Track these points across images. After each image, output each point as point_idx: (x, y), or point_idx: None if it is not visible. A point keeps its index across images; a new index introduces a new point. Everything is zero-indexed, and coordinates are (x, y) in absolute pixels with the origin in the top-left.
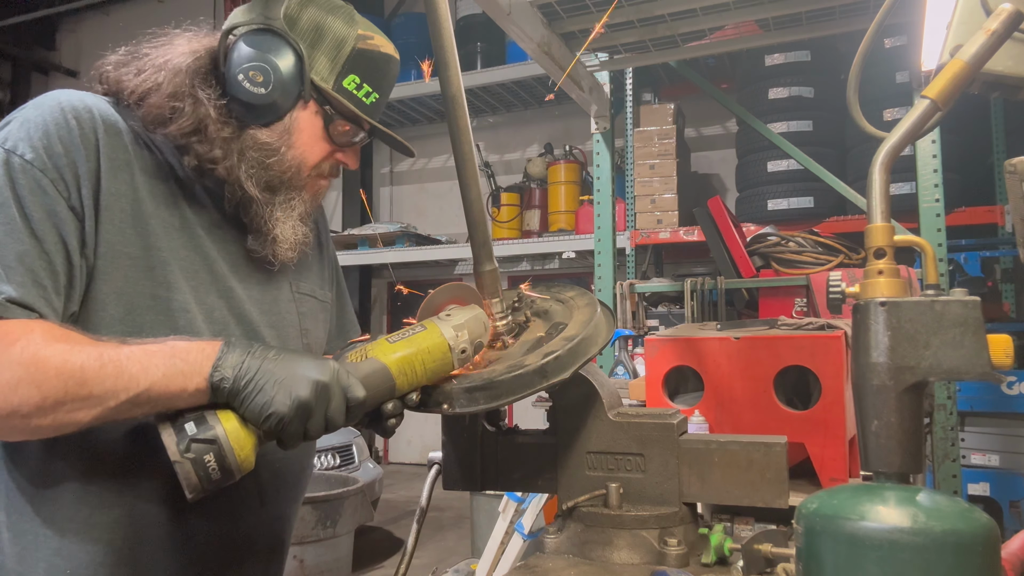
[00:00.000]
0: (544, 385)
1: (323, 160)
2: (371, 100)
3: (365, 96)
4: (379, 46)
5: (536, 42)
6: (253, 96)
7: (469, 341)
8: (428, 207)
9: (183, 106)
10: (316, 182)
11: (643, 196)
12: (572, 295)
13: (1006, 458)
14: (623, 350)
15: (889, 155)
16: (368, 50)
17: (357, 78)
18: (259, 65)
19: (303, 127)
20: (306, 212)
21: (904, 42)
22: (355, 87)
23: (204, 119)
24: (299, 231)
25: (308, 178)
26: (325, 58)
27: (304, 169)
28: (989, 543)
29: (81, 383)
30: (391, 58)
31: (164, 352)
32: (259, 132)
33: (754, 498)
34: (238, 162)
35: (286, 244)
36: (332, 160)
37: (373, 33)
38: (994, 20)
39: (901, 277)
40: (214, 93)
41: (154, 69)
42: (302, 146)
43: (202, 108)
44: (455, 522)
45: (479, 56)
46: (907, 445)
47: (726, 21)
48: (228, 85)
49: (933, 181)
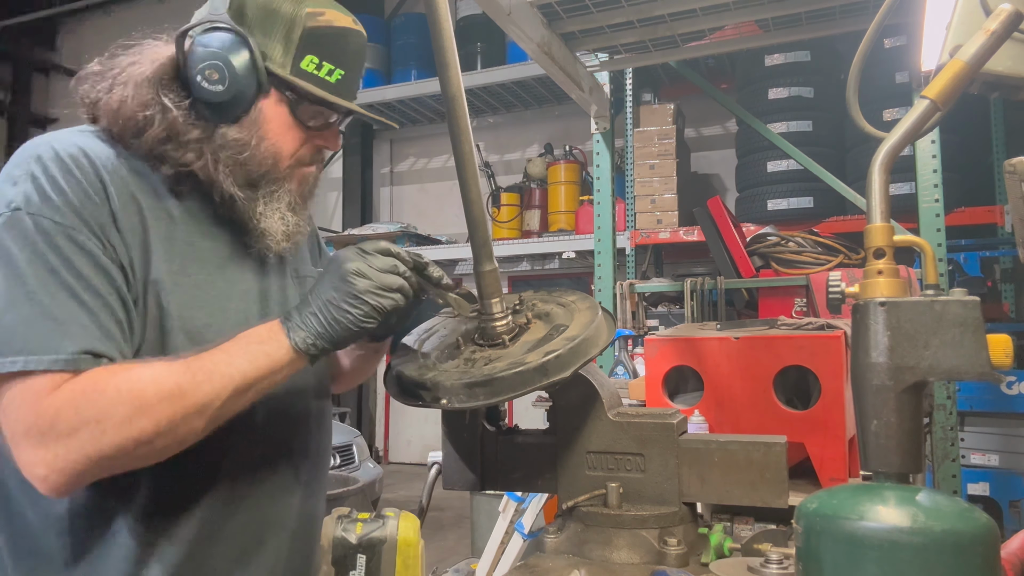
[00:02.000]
0: (544, 383)
1: (300, 148)
2: (336, 78)
3: (328, 75)
4: (332, 21)
5: (536, 42)
6: (213, 95)
7: None
8: (428, 207)
9: (153, 114)
10: (299, 171)
11: (643, 196)
12: (573, 299)
13: (1005, 458)
14: (623, 350)
15: (888, 155)
16: (320, 27)
17: (315, 58)
18: (213, 63)
19: (270, 117)
20: (295, 202)
21: (904, 42)
22: (315, 67)
23: (173, 124)
24: (289, 222)
25: (289, 168)
26: (278, 44)
27: (281, 160)
28: (989, 543)
29: (183, 397)
30: (348, 30)
31: (238, 344)
32: (229, 130)
33: (754, 498)
34: (214, 163)
35: (276, 236)
36: (311, 147)
37: (323, 8)
38: (993, 20)
39: (901, 277)
40: (178, 97)
41: (122, 83)
42: (273, 136)
43: (170, 114)
44: (455, 522)
45: (479, 56)
46: (906, 445)
47: (726, 21)
48: (191, 88)
49: (933, 181)
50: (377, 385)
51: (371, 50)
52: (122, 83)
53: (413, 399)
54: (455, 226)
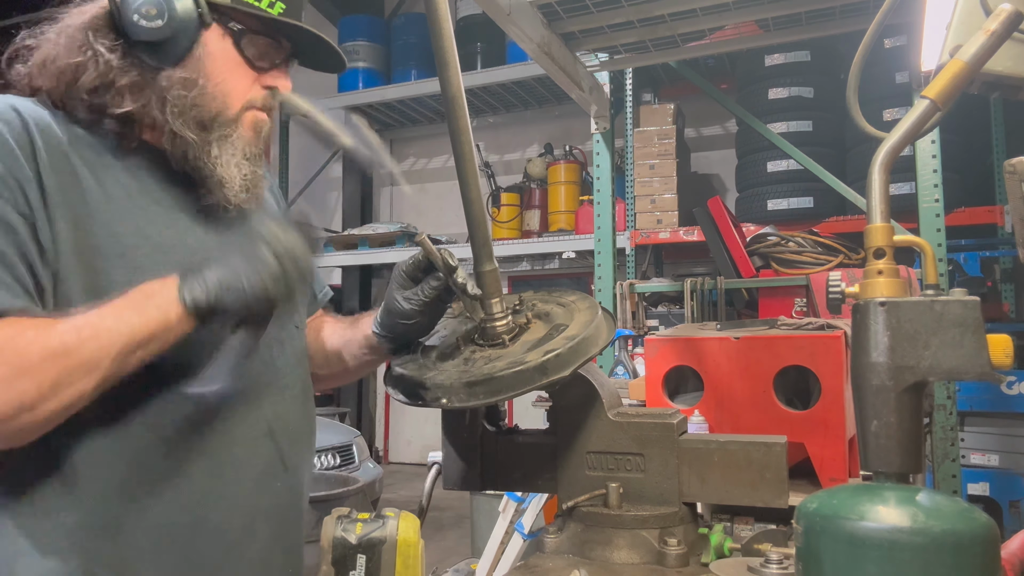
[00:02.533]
0: (544, 382)
1: (250, 89)
2: (278, 10)
3: (269, 6)
4: None
5: (536, 42)
6: (153, 32)
7: None
8: (428, 207)
9: (85, 61)
10: (251, 115)
11: (643, 196)
12: (573, 299)
13: (1006, 458)
14: (623, 350)
15: (888, 155)
16: None
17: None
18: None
19: (214, 52)
20: (249, 151)
21: (904, 42)
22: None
23: (108, 71)
24: (245, 170)
25: (241, 112)
26: None
27: (232, 100)
28: (988, 543)
29: (67, 355)
30: None
31: (130, 299)
32: (173, 72)
33: (754, 498)
34: (160, 107)
35: (233, 187)
36: (260, 89)
37: None
38: (993, 20)
39: (901, 277)
40: (112, 44)
41: (51, 42)
42: (221, 74)
43: (102, 58)
44: (455, 522)
45: (479, 56)
46: (906, 445)
47: (726, 21)
48: (128, 32)
49: (933, 181)
50: (377, 385)
51: (371, 50)
52: (53, 41)
53: (413, 398)
54: (455, 226)
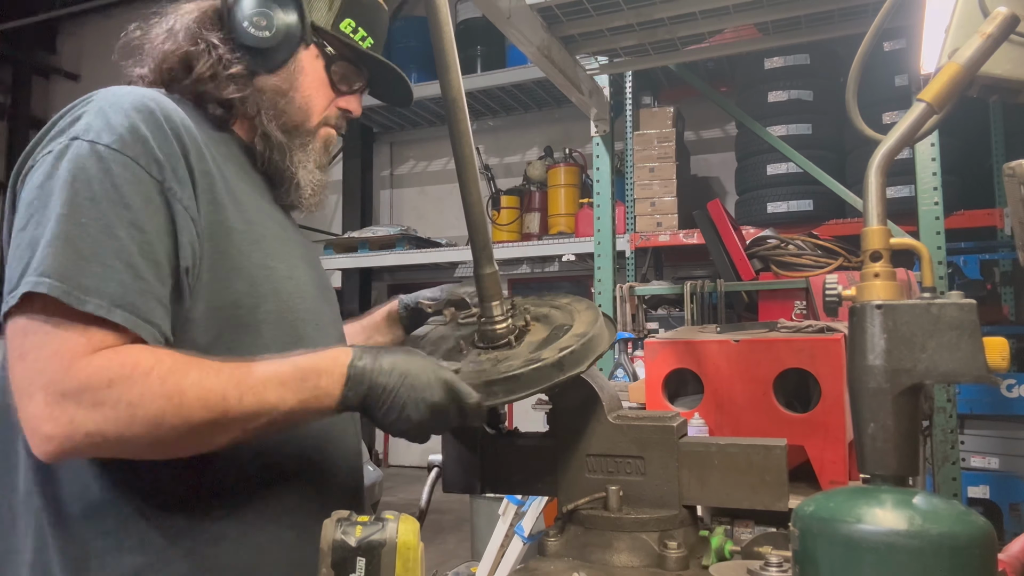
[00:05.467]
0: (562, 378)
1: (328, 107)
2: (367, 45)
3: (361, 40)
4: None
5: (536, 46)
6: (259, 40)
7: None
8: (428, 210)
9: (200, 50)
10: (325, 131)
11: (643, 199)
12: (567, 301)
13: (1006, 461)
14: (623, 353)
15: (885, 158)
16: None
17: (352, 22)
18: (261, 11)
19: (307, 69)
20: (320, 161)
21: (903, 46)
22: (351, 31)
23: (219, 60)
24: (315, 178)
25: (318, 126)
26: (321, 2)
27: (313, 114)
28: (985, 545)
29: (224, 412)
30: (380, 6)
31: (296, 377)
32: (268, 79)
33: (754, 501)
34: (255, 106)
35: (308, 189)
36: (335, 109)
37: None
38: (989, 23)
39: (898, 280)
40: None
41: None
42: (308, 89)
43: (216, 50)
44: (455, 525)
45: (479, 59)
46: (904, 448)
47: (725, 25)
48: (235, 35)
49: (932, 184)
50: None
51: None
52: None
53: None
54: (455, 229)
